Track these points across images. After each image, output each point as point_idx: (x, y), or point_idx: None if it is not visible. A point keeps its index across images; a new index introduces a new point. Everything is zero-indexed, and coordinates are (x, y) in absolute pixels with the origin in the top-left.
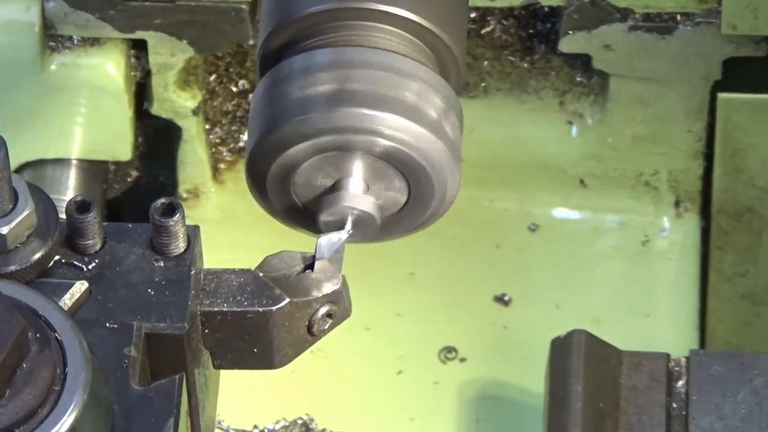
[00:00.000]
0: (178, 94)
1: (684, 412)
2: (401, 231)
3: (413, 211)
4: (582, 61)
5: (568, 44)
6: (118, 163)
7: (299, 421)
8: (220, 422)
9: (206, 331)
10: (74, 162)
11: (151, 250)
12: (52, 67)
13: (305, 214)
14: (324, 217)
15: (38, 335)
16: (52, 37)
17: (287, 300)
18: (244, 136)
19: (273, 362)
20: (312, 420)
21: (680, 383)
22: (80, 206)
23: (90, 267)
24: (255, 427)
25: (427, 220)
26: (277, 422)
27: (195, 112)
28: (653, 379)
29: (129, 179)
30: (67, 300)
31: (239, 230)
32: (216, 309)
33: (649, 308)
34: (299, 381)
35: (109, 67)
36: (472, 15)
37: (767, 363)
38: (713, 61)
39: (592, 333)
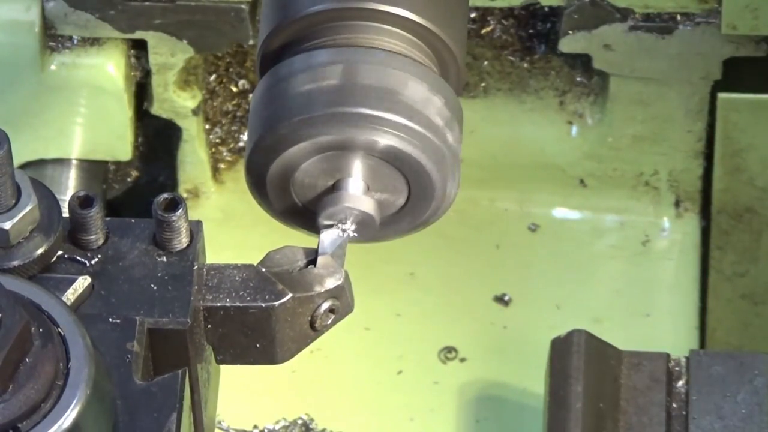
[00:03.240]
0: (178, 94)
1: (684, 412)
2: (401, 231)
3: (413, 211)
4: (582, 61)
5: (568, 44)
6: (118, 163)
7: (299, 421)
8: (220, 422)
9: (209, 326)
10: (74, 162)
11: (154, 245)
12: (52, 67)
13: (305, 215)
14: (324, 218)
15: (41, 330)
16: (52, 37)
17: (290, 295)
18: (244, 136)
19: (275, 357)
20: (312, 420)
21: (680, 383)
22: (83, 201)
23: (93, 262)
24: (255, 427)
25: (427, 220)
26: (277, 422)
27: (195, 112)
28: (653, 379)
29: (129, 179)
30: (70, 295)
31: (239, 230)
32: (219, 304)
33: (649, 308)
34: (299, 381)
35: (109, 67)
36: (472, 15)
37: (767, 363)
38: (713, 61)
39: (592, 333)
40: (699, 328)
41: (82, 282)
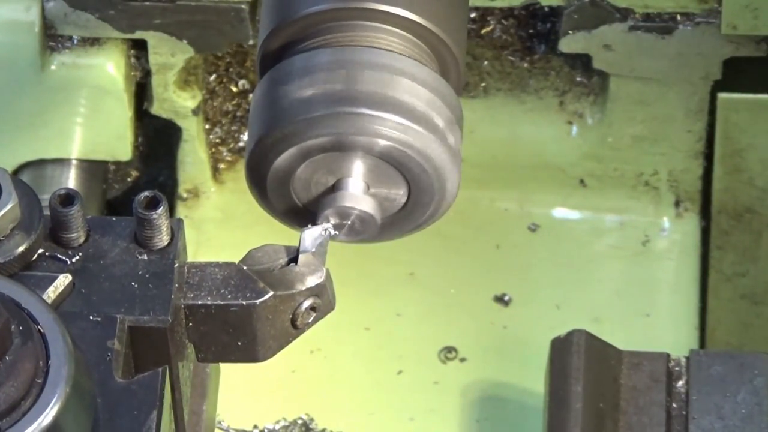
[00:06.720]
0: (178, 94)
1: (684, 412)
2: (401, 231)
3: (413, 211)
4: (582, 61)
5: (568, 44)
6: (118, 163)
7: (299, 421)
8: (220, 422)
9: (190, 324)
10: (74, 162)
11: (135, 243)
12: (52, 67)
13: (305, 215)
14: (324, 218)
15: (21, 328)
16: (52, 37)
17: (271, 293)
18: (244, 136)
19: (257, 355)
20: (312, 420)
21: (680, 383)
22: (64, 199)
23: (74, 260)
24: (255, 427)
25: (427, 220)
26: (277, 422)
27: (195, 112)
28: (653, 379)
29: (129, 179)
30: (51, 293)
31: (239, 230)
32: (200, 302)
33: (649, 308)
34: (299, 381)
35: (109, 67)
36: (472, 15)
37: (767, 363)
38: (713, 61)
39: (592, 333)
40: (699, 328)
41: (63, 280)
